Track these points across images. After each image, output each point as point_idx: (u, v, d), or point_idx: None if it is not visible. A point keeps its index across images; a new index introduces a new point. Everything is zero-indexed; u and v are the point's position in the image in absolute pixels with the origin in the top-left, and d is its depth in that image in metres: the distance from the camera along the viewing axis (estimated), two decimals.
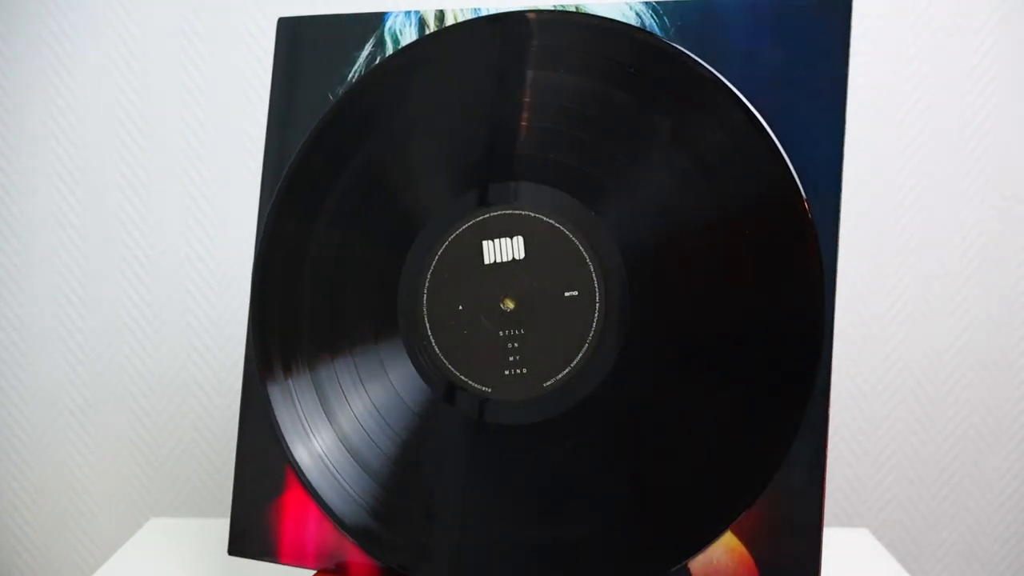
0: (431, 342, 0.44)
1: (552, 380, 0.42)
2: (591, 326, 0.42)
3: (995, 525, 0.78)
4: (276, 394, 0.47)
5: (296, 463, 0.46)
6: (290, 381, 0.46)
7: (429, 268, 0.44)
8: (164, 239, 0.75)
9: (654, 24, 0.41)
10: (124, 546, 0.60)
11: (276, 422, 0.46)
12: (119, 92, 0.73)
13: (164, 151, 0.74)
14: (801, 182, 0.39)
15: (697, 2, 0.41)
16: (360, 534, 0.45)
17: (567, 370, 0.42)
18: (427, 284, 0.44)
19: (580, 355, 0.42)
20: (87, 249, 0.75)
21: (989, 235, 0.75)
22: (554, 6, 0.44)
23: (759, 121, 0.40)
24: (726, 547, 0.40)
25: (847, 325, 0.76)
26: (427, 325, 0.44)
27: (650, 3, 0.42)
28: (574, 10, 0.43)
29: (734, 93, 0.40)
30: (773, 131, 0.40)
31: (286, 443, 0.46)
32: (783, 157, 0.39)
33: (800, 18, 0.40)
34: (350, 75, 0.46)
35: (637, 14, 0.42)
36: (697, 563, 0.40)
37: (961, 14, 0.73)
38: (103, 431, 0.76)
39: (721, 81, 0.40)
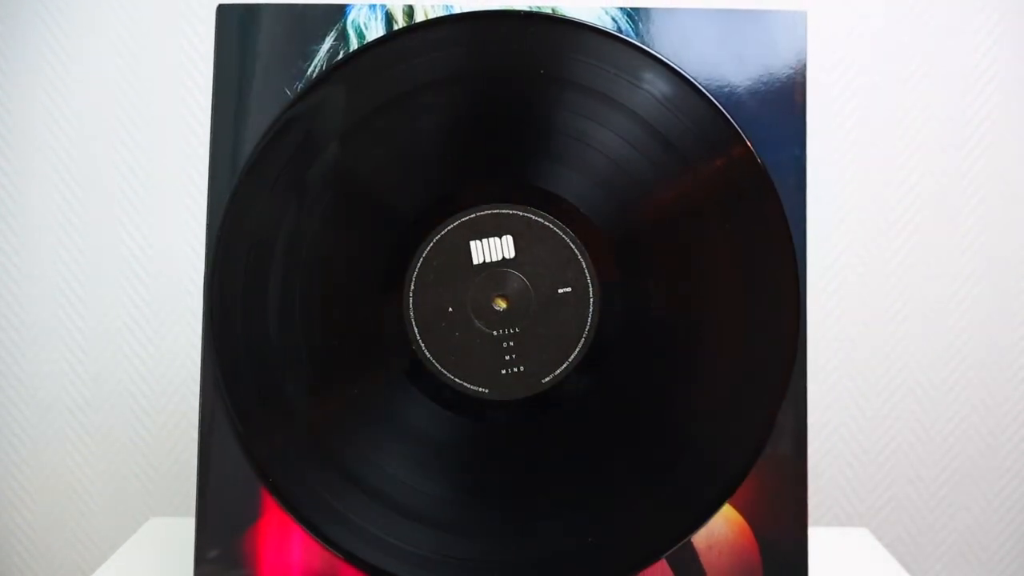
0: (420, 346, 0.43)
1: (551, 376, 0.43)
2: (587, 320, 0.43)
3: (995, 525, 0.78)
4: (247, 422, 0.43)
5: (280, 494, 0.43)
6: (262, 406, 0.43)
7: (414, 270, 0.43)
8: (164, 239, 0.75)
9: (629, 29, 0.43)
10: (124, 546, 0.60)
11: (248, 450, 0.42)
12: (119, 91, 0.73)
13: (164, 150, 0.74)
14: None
15: (669, 10, 0.44)
16: (365, 559, 0.43)
17: (565, 365, 0.43)
18: (412, 287, 0.43)
19: (578, 349, 0.43)
20: (87, 249, 0.75)
21: (989, 235, 0.75)
22: (530, 8, 0.44)
23: (726, 117, 0.43)
24: (725, 519, 0.43)
25: (847, 325, 0.76)
26: (415, 329, 0.43)
27: (625, 9, 0.44)
28: (550, 11, 0.44)
29: (702, 92, 0.43)
30: (744, 132, 0.43)
31: (264, 472, 0.43)
32: (752, 150, 0.43)
33: (760, 29, 0.44)
34: (309, 70, 0.44)
35: (613, 19, 0.44)
36: (699, 537, 0.43)
37: (961, 14, 0.73)
38: (103, 430, 0.76)
39: (688, 78, 0.43)
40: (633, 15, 0.44)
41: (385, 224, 0.43)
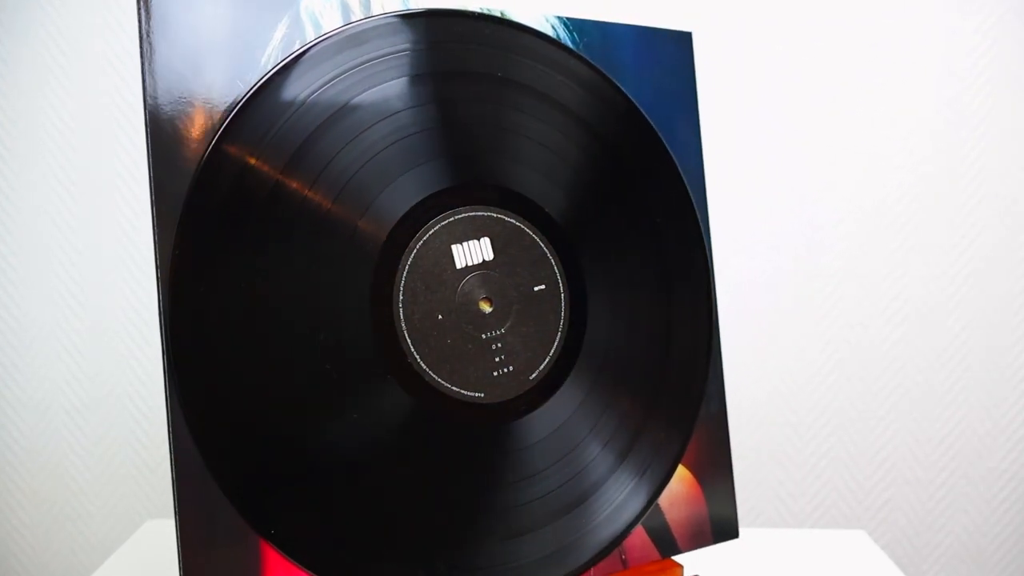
0: (416, 359, 0.41)
1: (536, 372, 0.44)
2: (561, 314, 0.45)
3: (992, 526, 0.78)
4: (231, 468, 0.37)
5: (287, 547, 0.37)
6: (248, 445, 0.37)
7: (400, 281, 0.41)
8: None
9: (567, 37, 0.46)
10: (121, 548, 0.60)
11: (240, 502, 0.37)
12: (117, 92, 0.74)
13: None
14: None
15: (598, 23, 0.48)
16: None
17: (547, 359, 0.44)
18: (401, 298, 0.41)
19: (556, 342, 0.45)
20: (85, 249, 0.75)
21: (988, 235, 0.75)
22: (481, 8, 0.44)
23: (652, 127, 0.49)
24: (679, 477, 0.48)
25: (844, 327, 0.76)
26: (408, 342, 0.41)
27: (562, 18, 0.47)
28: (499, 14, 0.45)
29: (635, 106, 0.48)
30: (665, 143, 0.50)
31: (263, 523, 0.37)
32: (671, 156, 0.49)
33: (663, 45, 0.50)
34: (263, 58, 0.39)
35: (552, 27, 0.46)
36: (662, 497, 0.48)
37: (961, 14, 0.73)
38: (100, 432, 0.77)
39: (630, 99, 0.48)
40: (569, 24, 0.47)
41: (361, 237, 0.40)
